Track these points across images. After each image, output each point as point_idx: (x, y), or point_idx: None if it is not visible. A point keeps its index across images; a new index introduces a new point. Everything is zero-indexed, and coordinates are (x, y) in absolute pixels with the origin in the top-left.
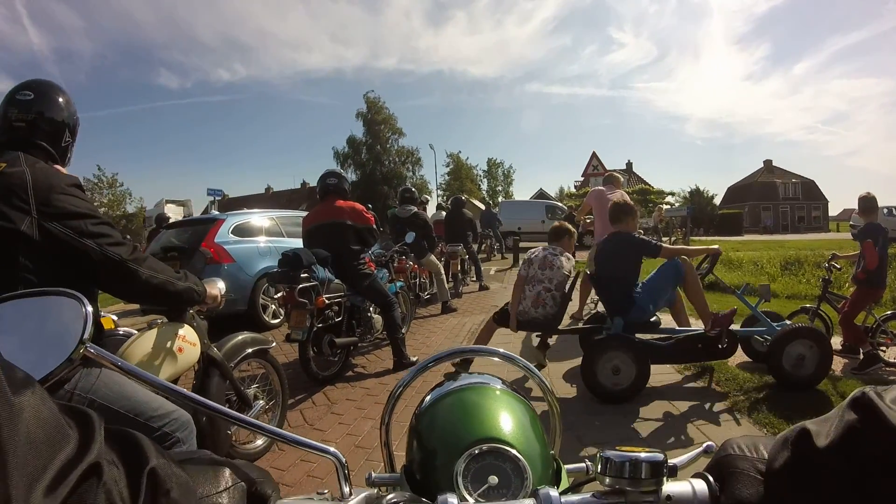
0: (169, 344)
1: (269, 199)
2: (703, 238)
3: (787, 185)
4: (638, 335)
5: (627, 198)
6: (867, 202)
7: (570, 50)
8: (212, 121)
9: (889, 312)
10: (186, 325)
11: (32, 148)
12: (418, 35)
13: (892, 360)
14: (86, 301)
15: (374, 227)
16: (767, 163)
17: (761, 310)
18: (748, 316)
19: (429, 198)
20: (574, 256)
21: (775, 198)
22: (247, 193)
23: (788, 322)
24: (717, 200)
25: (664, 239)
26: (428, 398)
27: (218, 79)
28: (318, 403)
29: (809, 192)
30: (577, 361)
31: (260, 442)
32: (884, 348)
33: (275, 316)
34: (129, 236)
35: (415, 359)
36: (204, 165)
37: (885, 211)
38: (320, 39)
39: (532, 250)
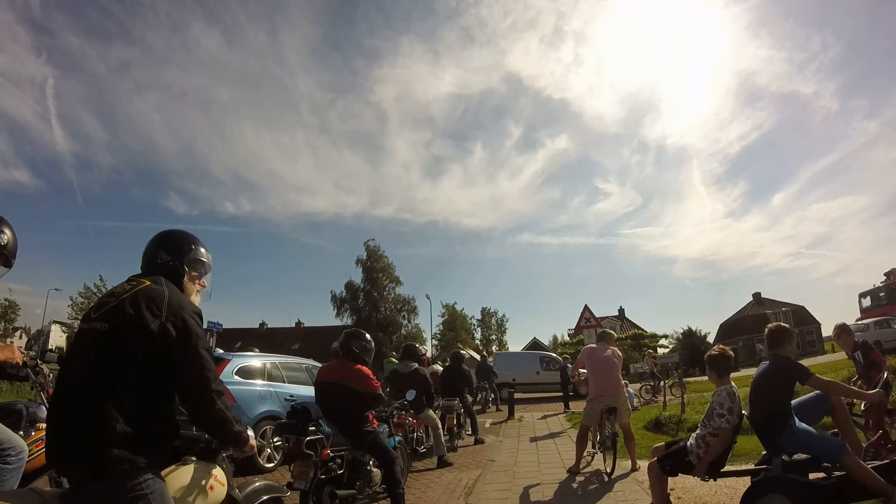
0: (203, 482)
1: (263, 335)
2: (699, 379)
3: (778, 314)
4: (812, 474)
5: (620, 353)
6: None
7: (559, 202)
8: (212, 250)
9: None
10: (218, 466)
11: (169, 277)
12: (416, 187)
13: None
14: None
15: (379, 393)
16: (756, 295)
17: None
18: None
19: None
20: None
21: None
22: (240, 326)
23: None
24: (711, 338)
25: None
26: None
27: (223, 211)
28: None
29: (801, 318)
30: None
31: None
32: None
33: (269, 460)
34: None
35: None
36: None
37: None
38: (324, 186)
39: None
